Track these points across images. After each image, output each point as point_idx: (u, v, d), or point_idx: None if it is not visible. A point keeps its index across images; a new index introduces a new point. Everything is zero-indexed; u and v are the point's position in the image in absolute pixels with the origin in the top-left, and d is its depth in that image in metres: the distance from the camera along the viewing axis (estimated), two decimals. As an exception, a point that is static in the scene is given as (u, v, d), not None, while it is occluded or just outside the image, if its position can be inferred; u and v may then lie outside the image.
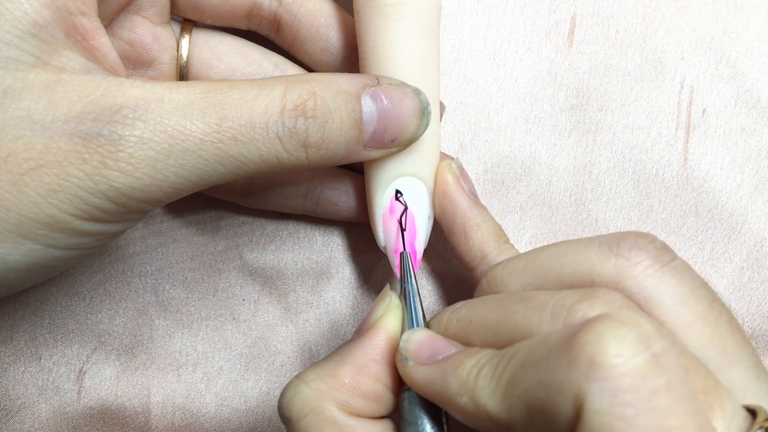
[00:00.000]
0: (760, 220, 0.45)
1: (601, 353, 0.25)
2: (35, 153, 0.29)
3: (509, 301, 0.32)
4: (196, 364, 0.45)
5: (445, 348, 0.32)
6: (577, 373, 0.25)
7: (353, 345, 0.35)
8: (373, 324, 0.35)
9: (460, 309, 0.34)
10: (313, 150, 0.33)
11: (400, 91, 0.36)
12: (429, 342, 0.33)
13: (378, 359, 0.34)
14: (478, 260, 0.39)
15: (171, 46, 0.40)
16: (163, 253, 0.46)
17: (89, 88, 0.31)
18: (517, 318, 0.30)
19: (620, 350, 0.25)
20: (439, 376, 0.31)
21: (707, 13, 0.47)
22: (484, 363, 0.29)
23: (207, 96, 0.31)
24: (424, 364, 0.32)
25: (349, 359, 0.34)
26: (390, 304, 0.36)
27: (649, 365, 0.25)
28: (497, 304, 0.32)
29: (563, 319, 0.29)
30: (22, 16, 0.30)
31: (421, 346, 0.33)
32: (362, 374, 0.34)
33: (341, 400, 0.33)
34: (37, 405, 0.45)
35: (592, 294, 0.29)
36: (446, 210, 0.40)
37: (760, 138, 0.46)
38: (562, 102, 0.46)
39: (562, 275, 0.33)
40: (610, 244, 0.32)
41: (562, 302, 0.29)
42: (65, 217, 0.30)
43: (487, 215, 0.40)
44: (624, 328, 0.25)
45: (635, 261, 0.31)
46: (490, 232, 0.40)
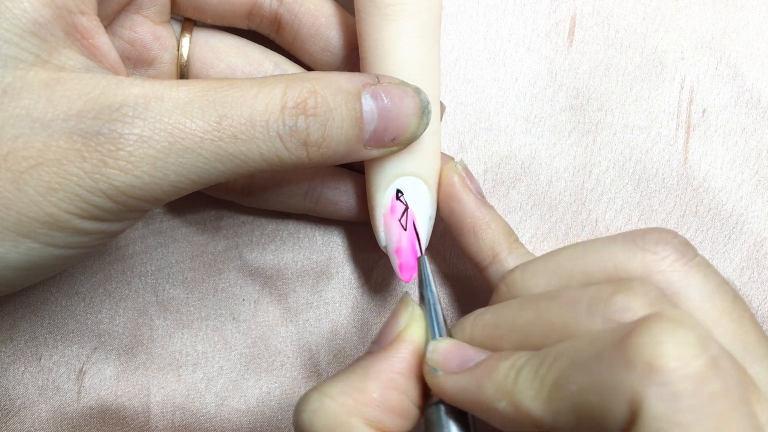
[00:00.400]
0: (760, 220, 0.45)
1: (659, 356, 0.24)
2: (35, 151, 0.29)
3: (537, 300, 0.31)
4: (196, 364, 0.45)
5: (474, 355, 0.31)
6: (634, 377, 0.24)
7: (377, 358, 0.33)
8: (397, 336, 0.34)
9: (483, 314, 0.33)
10: (314, 148, 0.33)
11: (401, 90, 0.36)
12: (457, 350, 0.32)
13: (405, 373, 0.33)
14: (489, 260, 0.39)
15: (171, 46, 0.40)
16: (163, 253, 0.46)
17: (89, 86, 0.31)
18: (550, 316, 0.30)
19: (680, 353, 0.24)
20: (473, 383, 0.30)
21: (707, 13, 0.47)
22: (521, 365, 0.29)
23: (207, 94, 0.31)
24: (454, 372, 0.31)
25: (374, 373, 0.32)
26: (413, 314, 0.34)
27: (708, 369, 0.24)
28: (524, 305, 0.31)
29: (601, 312, 0.28)
30: (22, 14, 0.30)
31: (449, 355, 0.32)
32: (390, 389, 0.32)
33: (369, 415, 0.31)
34: (37, 405, 0.45)
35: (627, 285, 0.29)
36: (454, 211, 0.40)
37: (760, 138, 0.46)
38: (562, 102, 0.46)
39: (588, 274, 0.32)
40: (635, 240, 0.31)
41: (597, 295, 0.29)
42: (65, 215, 0.30)
43: (496, 214, 0.40)
44: (682, 329, 0.25)
45: (662, 255, 0.31)
46: (500, 231, 0.40)
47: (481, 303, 0.44)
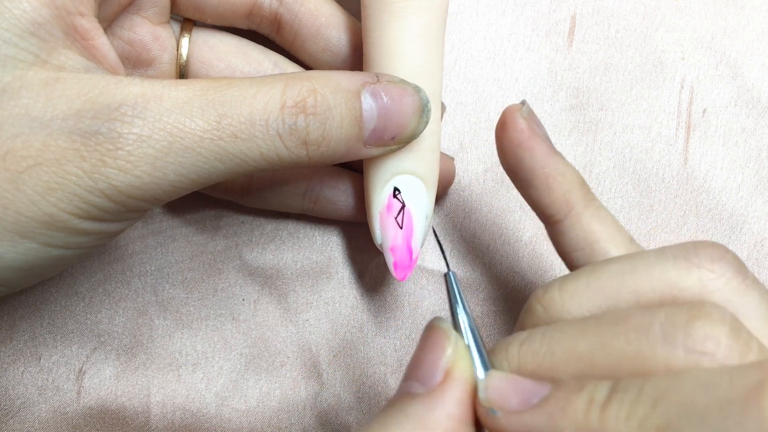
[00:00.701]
0: (760, 221, 0.45)
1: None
2: (33, 151, 0.29)
3: (597, 325, 0.28)
4: (196, 364, 0.45)
5: (535, 389, 0.28)
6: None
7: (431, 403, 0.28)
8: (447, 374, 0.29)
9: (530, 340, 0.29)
10: (314, 147, 0.33)
11: (400, 88, 0.36)
12: (513, 385, 0.28)
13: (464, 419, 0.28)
14: (564, 212, 0.35)
15: (171, 46, 0.40)
16: (163, 253, 0.46)
17: (88, 86, 0.31)
18: (618, 343, 0.27)
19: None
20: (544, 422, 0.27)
21: (707, 13, 0.47)
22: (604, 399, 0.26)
23: (206, 93, 0.31)
24: (517, 412, 0.27)
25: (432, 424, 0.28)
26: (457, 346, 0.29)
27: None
28: (583, 330, 0.28)
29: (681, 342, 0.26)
30: (21, 14, 0.30)
31: (506, 392, 0.28)
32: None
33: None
34: (36, 405, 0.45)
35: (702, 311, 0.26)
36: (523, 160, 0.35)
37: (760, 138, 0.46)
38: (562, 102, 0.46)
39: (639, 294, 0.29)
40: (688, 256, 0.29)
41: (672, 321, 0.26)
42: (64, 215, 0.30)
43: (568, 163, 0.36)
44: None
45: (719, 273, 0.28)
46: (575, 180, 0.35)
47: (479, 303, 0.44)
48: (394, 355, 0.45)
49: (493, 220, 0.46)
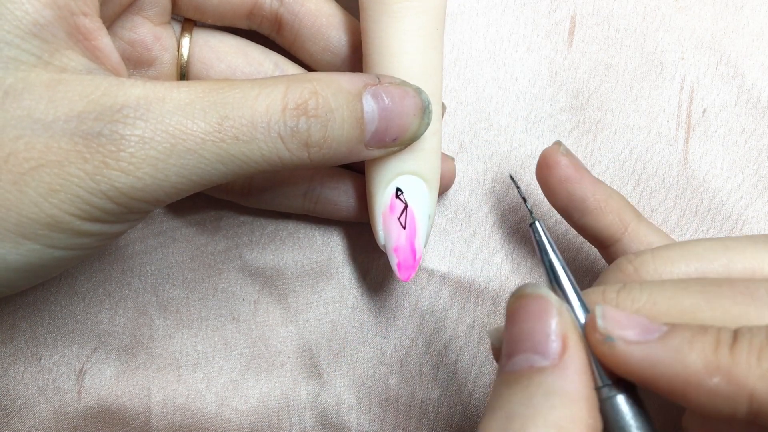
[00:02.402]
0: (760, 221, 0.45)
1: None
2: (36, 152, 0.29)
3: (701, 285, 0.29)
4: (196, 364, 0.45)
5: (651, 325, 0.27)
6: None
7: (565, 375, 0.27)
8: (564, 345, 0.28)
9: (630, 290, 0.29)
10: (315, 149, 0.33)
11: (401, 90, 0.36)
12: (630, 319, 0.28)
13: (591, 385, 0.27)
14: (621, 231, 0.38)
15: (172, 46, 0.40)
16: (163, 254, 0.46)
17: (90, 87, 0.31)
18: (726, 303, 0.28)
19: None
20: (670, 355, 0.26)
21: (707, 13, 0.47)
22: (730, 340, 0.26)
23: (208, 95, 0.31)
24: (638, 342, 0.27)
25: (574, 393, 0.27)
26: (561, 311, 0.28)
27: None
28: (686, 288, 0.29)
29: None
30: (23, 15, 0.30)
31: (625, 323, 0.28)
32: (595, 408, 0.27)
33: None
34: (37, 405, 0.45)
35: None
36: (575, 193, 0.39)
37: (760, 138, 0.46)
38: (562, 102, 0.46)
39: (730, 269, 0.31)
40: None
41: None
42: (66, 217, 0.30)
43: (610, 188, 0.39)
44: None
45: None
46: (622, 202, 0.38)
47: (481, 304, 0.44)
48: (394, 355, 0.45)
49: (493, 220, 0.46)
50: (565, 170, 0.39)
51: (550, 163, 0.39)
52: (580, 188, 0.38)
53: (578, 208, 0.39)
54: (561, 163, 0.39)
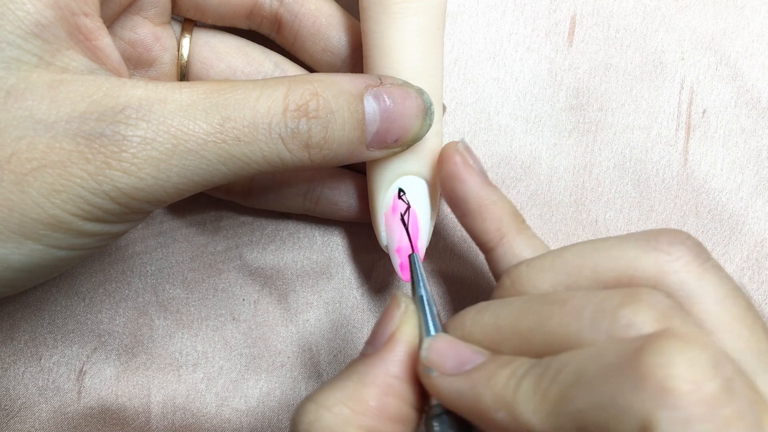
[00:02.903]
0: (760, 221, 0.46)
1: (672, 378, 0.23)
2: (38, 153, 0.29)
3: (541, 304, 0.30)
4: (196, 364, 0.45)
5: (472, 356, 0.30)
6: (645, 398, 0.23)
7: (372, 362, 0.31)
8: (390, 336, 0.32)
9: (483, 312, 0.31)
10: (316, 150, 0.33)
11: (403, 91, 0.36)
12: (453, 349, 0.30)
13: (402, 376, 0.31)
14: (496, 240, 0.37)
15: (172, 46, 0.40)
16: (164, 254, 0.46)
17: (92, 88, 0.31)
18: (552, 324, 0.28)
19: (693, 375, 0.23)
20: (469, 388, 0.29)
21: (707, 13, 0.47)
22: (522, 374, 0.27)
23: (210, 96, 0.31)
24: (450, 374, 0.30)
25: (370, 379, 0.31)
26: (406, 310, 0.32)
27: (722, 392, 0.23)
28: (527, 308, 0.30)
29: (606, 327, 0.27)
30: (25, 16, 0.30)
31: (445, 355, 0.30)
32: (388, 395, 0.30)
33: (368, 425, 0.30)
34: (37, 405, 0.45)
35: (634, 296, 0.27)
36: (457, 191, 0.38)
37: (760, 138, 0.46)
38: (562, 102, 0.46)
39: (598, 272, 0.31)
40: (648, 239, 0.30)
41: (603, 306, 0.27)
42: (68, 217, 0.30)
43: (501, 194, 0.38)
44: (695, 349, 0.24)
45: (676, 255, 0.30)
46: (506, 210, 0.38)
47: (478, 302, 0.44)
48: (395, 355, 0.45)
49: (493, 220, 0.46)
50: (453, 167, 0.38)
51: (443, 157, 0.38)
52: (463, 188, 0.38)
53: (459, 207, 0.38)
54: (452, 159, 0.38)
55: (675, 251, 0.30)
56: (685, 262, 0.30)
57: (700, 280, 0.29)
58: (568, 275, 0.32)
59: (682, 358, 0.24)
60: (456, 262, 0.46)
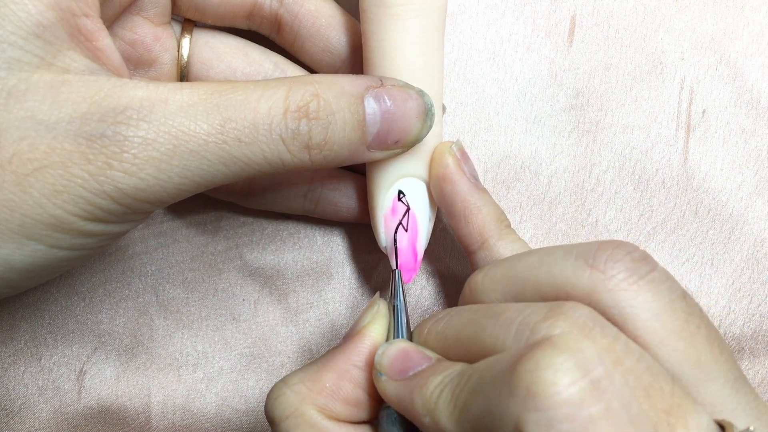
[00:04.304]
0: (760, 221, 0.46)
1: (537, 382, 0.25)
2: (39, 153, 0.29)
3: (482, 315, 0.31)
4: (196, 364, 0.45)
5: (418, 362, 0.32)
6: (516, 403, 0.25)
7: (337, 350, 0.35)
8: (358, 331, 0.36)
9: (439, 321, 0.34)
10: (316, 151, 0.33)
11: (404, 92, 0.36)
12: (403, 355, 0.33)
13: (360, 365, 0.35)
14: (478, 244, 0.39)
15: (172, 47, 0.40)
16: (164, 254, 0.46)
17: (93, 88, 0.31)
18: (486, 335, 0.30)
19: (556, 379, 0.25)
20: (406, 393, 0.31)
21: (707, 13, 0.47)
22: (447, 383, 0.29)
23: (211, 97, 0.31)
24: (395, 379, 0.32)
25: (331, 364, 0.35)
26: (378, 312, 0.36)
27: (586, 393, 0.25)
28: (471, 319, 0.32)
29: (526, 338, 0.29)
30: (26, 17, 0.30)
31: (394, 361, 0.33)
32: (343, 379, 0.34)
33: (321, 403, 0.34)
34: (37, 405, 0.45)
35: (556, 311, 0.29)
36: (446, 193, 0.39)
37: (760, 138, 0.46)
38: (562, 102, 0.46)
39: (539, 286, 0.32)
40: (587, 256, 0.31)
41: (528, 319, 0.29)
42: (69, 217, 0.30)
43: (489, 199, 0.39)
44: (562, 355, 0.25)
45: (610, 274, 0.30)
46: (490, 216, 0.39)
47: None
48: (395, 355, 0.45)
49: (493, 221, 0.46)
50: (443, 169, 0.39)
51: (436, 157, 0.39)
52: (451, 190, 0.39)
53: (447, 210, 0.40)
54: (443, 161, 0.39)
55: (609, 269, 0.31)
56: (618, 280, 0.30)
57: (633, 297, 0.30)
58: (515, 287, 0.33)
59: (548, 363, 0.25)
60: (456, 262, 0.46)
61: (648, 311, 0.30)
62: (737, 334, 0.45)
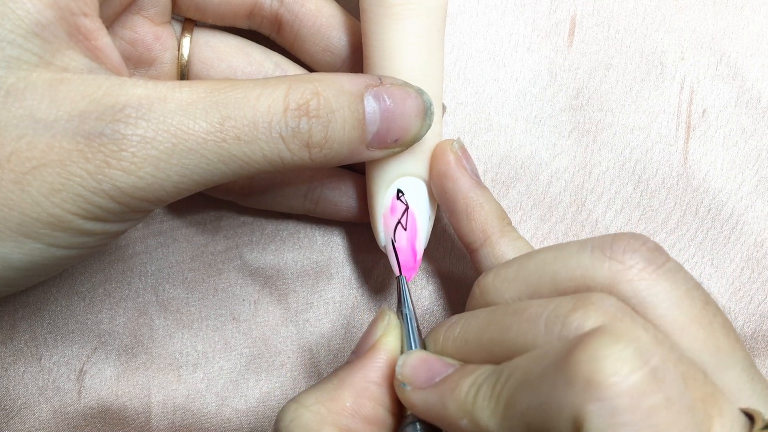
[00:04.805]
0: (760, 221, 0.46)
1: (598, 372, 0.24)
2: (38, 152, 0.29)
3: (502, 314, 0.31)
4: (196, 364, 0.45)
5: (441, 369, 0.32)
6: (575, 394, 0.25)
7: (353, 367, 0.34)
8: (372, 345, 0.34)
9: (454, 326, 0.33)
10: (316, 150, 0.33)
11: (403, 91, 0.36)
12: (425, 364, 0.32)
13: (379, 381, 0.33)
14: (480, 242, 0.38)
15: (172, 46, 0.40)
16: (164, 253, 0.46)
17: (92, 87, 0.31)
18: (511, 334, 0.30)
19: (617, 368, 0.24)
20: (437, 399, 0.30)
21: (707, 13, 0.47)
22: (481, 382, 0.29)
23: (210, 95, 0.31)
24: (421, 388, 0.31)
25: (348, 382, 0.33)
26: (389, 323, 0.35)
27: (647, 381, 0.24)
28: (491, 320, 0.31)
29: (558, 331, 0.28)
30: (25, 15, 0.30)
31: (417, 370, 0.32)
32: (363, 397, 0.33)
33: (342, 424, 0.32)
34: (37, 405, 0.45)
35: (585, 302, 0.29)
36: (447, 190, 0.39)
37: (760, 138, 0.46)
38: (562, 102, 0.46)
39: (556, 281, 0.32)
40: (603, 247, 0.31)
41: (556, 312, 0.29)
42: (68, 216, 0.30)
43: (490, 196, 0.39)
44: (620, 343, 0.25)
45: (629, 264, 0.30)
46: (492, 213, 0.38)
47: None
48: (395, 355, 0.45)
49: (493, 221, 0.46)
50: (445, 166, 0.39)
51: (437, 154, 0.39)
52: (453, 187, 0.39)
53: (448, 207, 0.39)
54: (445, 157, 0.39)
55: (628, 259, 0.31)
56: (638, 270, 0.30)
57: (653, 286, 0.30)
58: (530, 285, 0.33)
59: (607, 352, 0.25)
60: (456, 262, 0.46)
61: (667, 300, 0.30)
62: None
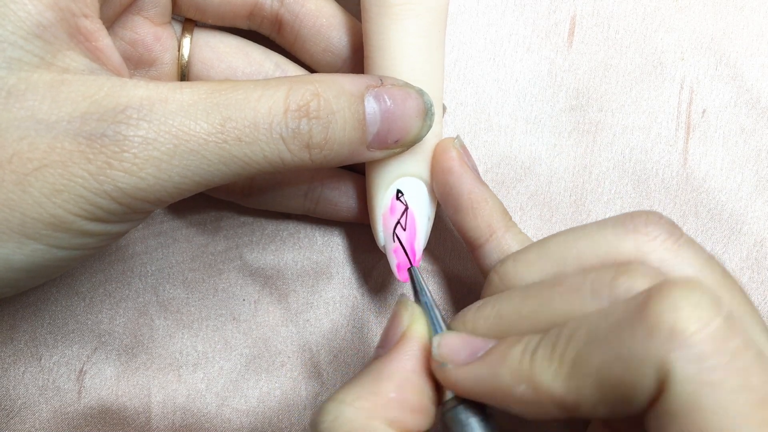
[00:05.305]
0: (759, 221, 0.46)
1: (681, 320, 0.25)
2: (39, 153, 0.29)
3: (539, 289, 0.31)
4: (196, 364, 0.45)
5: (481, 345, 0.31)
6: (658, 344, 0.25)
7: (387, 360, 0.32)
8: (402, 335, 0.33)
9: (484, 307, 0.33)
10: (317, 151, 0.34)
11: (404, 91, 0.36)
12: (463, 342, 0.32)
13: (417, 370, 0.32)
14: (486, 236, 0.38)
15: (172, 46, 0.40)
16: (164, 254, 0.46)
17: (93, 88, 0.31)
18: (555, 303, 0.30)
19: (699, 314, 0.25)
20: (486, 371, 0.30)
21: (707, 14, 0.47)
22: (534, 346, 0.29)
23: (211, 96, 0.32)
24: (465, 364, 0.31)
25: (387, 374, 0.32)
26: (414, 312, 0.34)
27: (727, 326, 0.25)
28: (527, 294, 0.32)
29: (606, 295, 0.29)
30: (26, 17, 0.30)
31: (456, 347, 0.32)
32: (405, 387, 0.31)
33: (390, 416, 0.31)
34: (37, 405, 0.45)
35: (628, 267, 0.29)
36: (452, 186, 0.39)
37: (760, 138, 0.46)
38: (562, 102, 0.46)
39: (581, 259, 0.32)
40: (625, 223, 0.32)
41: (600, 279, 0.29)
42: (69, 217, 0.30)
43: (492, 192, 0.39)
44: (696, 291, 0.26)
45: (653, 235, 0.31)
46: (497, 208, 0.39)
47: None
48: (395, 355, 0.45)
49: (493, 221, 0.46)
50: (449, 162, 0.39)
51: (439, 151, 0.39)
52: (457, 183, 0.39)
53: (452, 204, 0.39)
54: (448, 153, 0.39)
55: (651, 231, 0.31)
56: (661, 240, 0.31)
57: (677, 255, 0.31)
58: (555, 265, 0.33)
59: (686, 302, 0.25)
60: (456, 262, 0.46)
61: (692, 267, 0.31)
62: (737, 334, 0.45)
